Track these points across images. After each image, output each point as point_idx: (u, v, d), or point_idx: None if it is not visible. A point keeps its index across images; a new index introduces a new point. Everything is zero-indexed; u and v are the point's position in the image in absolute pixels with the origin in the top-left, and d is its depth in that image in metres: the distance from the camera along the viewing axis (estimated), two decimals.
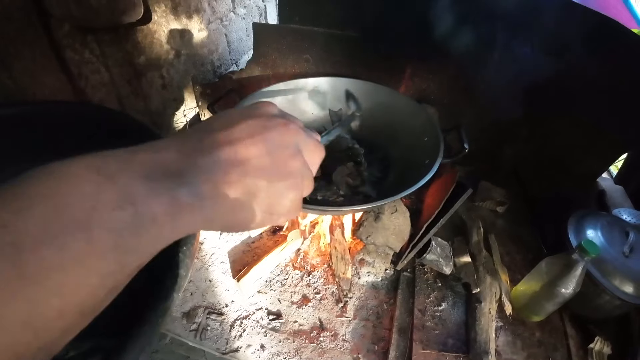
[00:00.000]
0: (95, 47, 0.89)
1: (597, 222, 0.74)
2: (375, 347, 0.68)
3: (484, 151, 0.99)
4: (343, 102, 0.74)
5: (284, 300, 0.74)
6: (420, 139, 0.77)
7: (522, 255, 0.84)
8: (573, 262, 0.62)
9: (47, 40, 0.80)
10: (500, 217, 0.93)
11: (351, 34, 0.90)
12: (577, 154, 0.91)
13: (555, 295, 0.64)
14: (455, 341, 0.68)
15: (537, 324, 0.72)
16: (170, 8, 1.04)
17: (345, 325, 0.71)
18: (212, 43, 1.24)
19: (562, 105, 0.87)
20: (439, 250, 0.75)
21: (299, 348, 0.67)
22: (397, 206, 0.76)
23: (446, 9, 0.84)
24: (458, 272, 0.77)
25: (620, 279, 0.67)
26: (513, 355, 0.68)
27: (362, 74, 0.93)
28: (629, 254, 0.70)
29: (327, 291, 0.76)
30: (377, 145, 0.86)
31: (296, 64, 0.96)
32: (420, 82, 0.95)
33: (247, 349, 0.67)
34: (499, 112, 0.92)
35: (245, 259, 0.80)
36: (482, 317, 0.69)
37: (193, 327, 0.71)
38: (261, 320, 0.71)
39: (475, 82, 0.91)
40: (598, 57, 0.80)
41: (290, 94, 0.88)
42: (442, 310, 0.72)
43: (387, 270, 0.79)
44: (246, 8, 1.42)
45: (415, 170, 0.67)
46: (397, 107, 0.84)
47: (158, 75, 1.07)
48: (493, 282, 0.73)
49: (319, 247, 0.82)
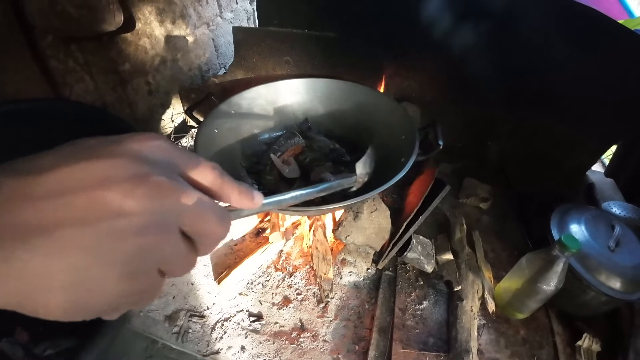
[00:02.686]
0: (79, 56, 0.91)
1: (582, 216, 0.72)
2: (356, 347, 0.67)
3: (469, 148, 0.98)
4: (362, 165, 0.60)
5: (265, 301, 0.74)
6: (398, 137, 0.76)
7: (508, 251, 0.83)
8: (554, 257, 0.60)
9: (30, 51, 0.82)
10: (485, 213, 0.91)
11: (330, 35, 0.90)
12: (564, 148, 0.89)
13: (537, 292, 0.63)
14: (436, 340, 0.67)
15: (521, 322, 0.71)
16: (155, 15, 1.05)
17: (326, 326, 0.70)
18: (199, 48, 1.26)
19: (547, 99, 0.86)
20: (420, 248, 0.74)
21: (279, 349, 0.67)
22: (377, 205, 0.76)
23: (426, 6, 0.84)
24: (440, 270, 0.76)
25: (606, 274, 0.66)
26: (496, 354, 0.66)
27: (343, 74, 0.93)
28: (615, 249, 0.68)
29: (308, 292, 0.75)
30: (358, 144, 0.86)
31: (277, 66, 0.97)
32: (401, 81, 0.94)
33: (227, 351, 0.67)
34: (482, 108, 0.91)
35: (228, 262, 0.80)
36: (463, 315, 0.68)
37: (175, 330, 0.71)
38: (242, 322, 0.71)
39: (456, 79, 0.90)
40: (583, 50, 0.78)
41: (271, 97, 0.88)
42: (423, 308, 0.71)
43: (368, 270, 0.78)
44: (234, 12, 1.43)
45: (393, 168, 0.67)
46: (377, 106, 0.84)
47: (144, 81, 1.09)
48: (475, 279, 0.72)
49: (301, 249, 0.82)
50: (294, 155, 0.82)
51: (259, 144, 0.86)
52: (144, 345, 0.79)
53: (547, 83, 0.84)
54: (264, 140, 0.87)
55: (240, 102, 0.82)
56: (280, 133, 0.87)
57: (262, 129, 0.87)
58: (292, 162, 0.80)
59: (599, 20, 0.75)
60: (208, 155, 0.71)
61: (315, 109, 0.90)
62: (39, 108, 0.66)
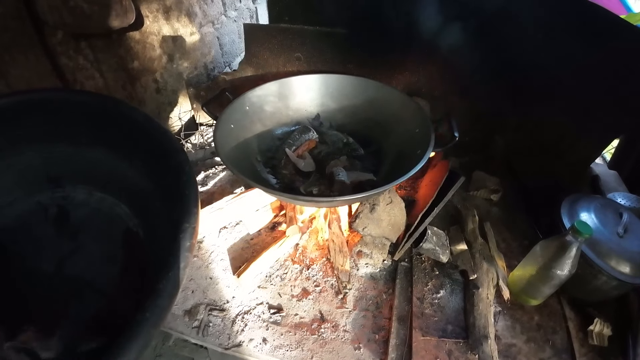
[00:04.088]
0: (89, 53, 0.91)
1: (591, 205, 0.75)
2: (376, 337, 0.69)
3: (476, 142, 1.00)
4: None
5: (284, 294, 0.75)
6: (411, 131, 0.78)
7: (518, 241, 0.85)
8: (567, 243, 0.62)
9: (41, 47, 0.82)
10: (495, 205, 0.93)
11: (340, 31, 0.92)
12: (569, 141, 0.92)
13: (551, 277, 0.65)
14: (455, 327, 0.69)
15: (535, 308, 0.73)
16: (162, 13, 1.05)
17: (345, 316, 0.71)
18: (204, 46, 1.26)
19: (551, 93, 0.88)
20: (435, 239, 0.76)
21: (300, 340, 0.68)
22: (392, 197, 0.77)
23: (435, 2, 0.85)
24: (455, 260, 0.77)
25: (616, 259, 0.68)
26: (512, 339, 0.68)
27: (353, 70, 0.95)
28: (623, 235, 0.70)
29: (326, 284, 0.76)
30: (371, 139, 0.88)
31: (288, 63, 0.98)
32: (411, 76, 0.96)
33: (249, 343, 0.68)
34: (488, 102, 0.93)
35: (245, 256, 0.81)
36: (480, 302, 0.69)
37: (195, 325, 0.71)
38: (262, 315, 0.71)
39: (464, 74, 0.92)
40: (586, 44, 0.81)
41: (285, 92, 0.89)
42: (440, 297, 0.73)
43: (384, 261, 0.79)
44: (237, 11, 1.43)
45: (407, 161, 0.68)
46: (389, 101, 0.86)
47: (152, 79, 1.08)
48: (490, 268, 0.74)
49: (317, 242, 0.83)
50: (308, 150, 0.83)
51: (272, 139, 0.87)
52: (152, 344, 0.79)
53: (551, 77, 0.87)
54: (278, 135, 0.88)
55: (254, 98, 0.83)
56: (294, 128, 0.88)
57: (276, 124, 0.88)
58: (307, 156, 0.81)
59: (602, 16, 0.77)
60: (226, 150, 0.71)
61: (328, 104, 0.91)
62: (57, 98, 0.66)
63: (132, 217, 0.70)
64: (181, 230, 0.48)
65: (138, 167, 0.65)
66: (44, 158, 0.66)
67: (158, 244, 0.50)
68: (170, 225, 0.50)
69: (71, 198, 0.71)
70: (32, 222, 0.68)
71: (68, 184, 0.71)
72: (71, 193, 0.71)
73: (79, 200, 0.71)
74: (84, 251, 0.67)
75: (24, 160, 0.65)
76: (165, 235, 0.49)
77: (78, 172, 0.69)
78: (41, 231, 0.68)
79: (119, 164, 0.65)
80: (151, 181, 0.63)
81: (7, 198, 0.66)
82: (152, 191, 0.62)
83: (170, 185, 0.56)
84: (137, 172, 0.64)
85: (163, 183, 0.60)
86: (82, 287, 0.63)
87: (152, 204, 0.62)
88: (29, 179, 0.67)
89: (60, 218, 0.70)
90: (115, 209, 0.71)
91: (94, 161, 0.67)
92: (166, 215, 0.56)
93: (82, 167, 0.68)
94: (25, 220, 0.67)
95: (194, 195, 0.53)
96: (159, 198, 0.61)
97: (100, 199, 0.72)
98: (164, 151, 0.59)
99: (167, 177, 0.57)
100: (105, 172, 0.68)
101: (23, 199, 0.68)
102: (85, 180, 0.71)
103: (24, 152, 0.65)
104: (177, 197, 0.52)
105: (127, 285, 0.63)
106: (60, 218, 0.70)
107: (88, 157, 0.67)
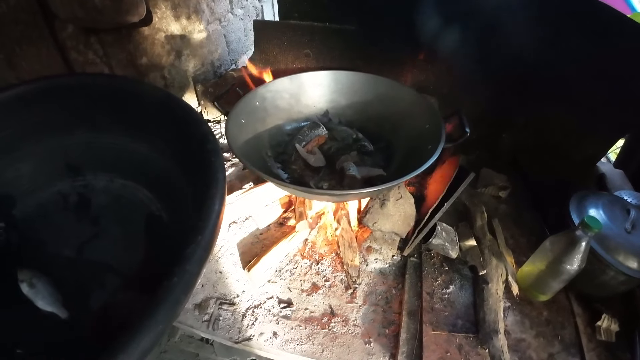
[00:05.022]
0: (99, 48, 0.91)
1: (599, 201, 0.76)
2: (386, 331, 0.69)
3: (483, 139, 1.00)
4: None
5: (294, 288, 0.75)
6: (421, 126, 0.78)
7: (526, 238, 0.86)
8: (577, 238, 0.63)
9: (52, 41, 0.82)
10: (503, 202, 0.94)
11: (350, 28, 0.92)
12: (575, 139, 0.92)
13: (561, 272, 0.65)
14: (465, 322, 0.69)
15: (544, 304, 0.73)
16: (170, 9, 1.06)
17: (355, 311, 0.72)
18: (211, 43, 1.26)
19: (558, 91, 0.89)
20: (444, 234, 0.76)
21: (311, 334, 0.68)
22: (402, 193, 0.78)
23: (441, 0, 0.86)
24: (464, 255, 0.78)
25: (624, 254, 0.68)
26: (522, 334, 0.69)
27: (362, 66, 0.95)
28: (631, 231, 0.71)
29: (336, 279, 0.77)
30: (380, 135, 0.88)
31: (297, 59, 0.98)
32: (419, 73, 0.96)
33: (259, 337, 0.68)
34: (495, 100, 0.94)
35: (255, 250, 0.81)
36: (489, 297, 0.70)
37: (205, 318, 0.71)
38: (272, 309, 0.72)
39: (472, 71, 0.92)
40: (593, 43, 0.82)
41: (295, 89, 0.89)
42: (450, 292, 0.73)
43: (394, 257, 0.80)
44: (244, 9, 1.44)
45: (417, 157, 0.69)
46: (398, 97, 0.86)
47: (160, 75, 1.09)
48: (499, 263, 0.74)
49: (326, 237, 0.83)
50: (318, 145, 0.83)
51: (282, 134, 0.87)
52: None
53: (558, 76, 0.87)
54: (287, 131, 0.88)
55: (265, 93, 0.84)
56: (304, 124, 0.88)
57: (286, 120, 0.88)
58: (317, 152, 0.82)
59: (608, 14, 0.78)
60: (238, 145, 0.72)
61: (337, 100, 0.91)
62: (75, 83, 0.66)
63: (155, 201, 0.69)
64: (209, 196, 0.48)
65: (160, 147, 0.64)
66: (64, 146, 0.66)
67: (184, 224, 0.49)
68: (196, 199, 0.49)
69: (92, 186, 0.71)
70: (53, 210, 0.68)
71: (89, 172, 0.70)
72: (92, 181, 0.71)
73: (100, 187, 0.71)
74: (105, 238, 0.67)
75: (44, 148, 0.64)
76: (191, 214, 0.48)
77: (98, 159, 0.69)
78: (61, 219, 0.68)
79: (140, 146, 0.65)
80: (174, 159, 0.62)
81: (28, 187, 0.66)
82: (175, 169, 0.62)
83: (195, 155, 0.55)
84: (159, 152, 0.64)
85: (187, 157, 0.59)
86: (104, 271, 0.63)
87: (175, 184, 0.61)
88: (49, 167, 0.67)
89: (81, 206, 0.69)
90: (137, 194, 0.70)
91: (114, 147, 0.67)
92: (191, 193, 0.56)
93: (102, 154, 0.68)
94: (46, 209, 0.67)
95: (220, 162, 0.52)
96: (182, 175, 0.60)
97: (122, 185, 0.71)
98: (187, 124, 0.58)
99: (191, 149, 0.57)
100: (126, 157, 0.68)
101: (43, 187, 0.67)
102: (106, 168, 0.70)
103: (44, 140, 0.64)
104: (203, 167, 0.52)
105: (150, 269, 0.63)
106: (81, 206, 0.69)
107: (108, 142, 0.67)
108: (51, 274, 0.60)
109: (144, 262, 0.65)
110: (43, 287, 0.58)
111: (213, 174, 0.51)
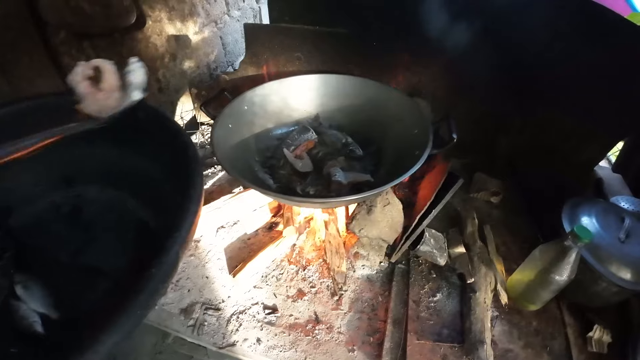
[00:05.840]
0: (92, 52, 0.91)
1: (592, 209, 0.73)
2: (371, 339, 0.68)
3: (478, 143, 0.99)
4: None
5: (280, 294, 0.75)
6: (410, 131, 0.77)
7: (519, 245, 0.84)
8: (567, 248, 0.61)
9: (43, 47, 0.83)
10: (496, 208, 0.92)
11: (341, 31, 0.91)
12: (573, 143, 0.90)
13: (550, 282, 0.64)
14: (451, 331, 0.68)
15: (534, 313, 0.72)
16: (165, 12, 1.06)
17: (340, 318, 0.71)
18: (207, 46, 1.26)
19: (555, 94, 0.87)
20: (432, 241, 0.75)
21: (294, 341, 0.68)
22: (390, 198, 0.77)
23: (436, 3, 0.84)
24: (452, 263, 0.76)
25: (617, 265, 0.66)
26: (509, 345, 0.67)
27: (353, 69, 0.94)
28: (625, 240, 0.69)
29: (322, 285, 0.76)
30: (370, 139, 0.87)
31: (288, 62, 0.98)
32: (412, 76, 0.95)
33: (243, 343, 0.68)
34: (491, 103, 0.92)
35: (242, 255, 0.81)
36: (477, 306, 0.69)
37: (190, 323, 0.71)
38: (257, 315, 0.72)
39: (466, 74, 0.91)
40: (590, 45, 0.79)
41: (284, 92, 0.89)
42: (436, 301, 0.72)
43: (381, 263, 0.79)
44: (240, 10, 1.43)
45: (406, 162, 0.68)
46: (389, 101, 0.85)
47: (154, 79, 1.09)
48: (488, 272, 0.73)
49: (314, 242, 0.83)
50: (307, 150, 0.83)
51: (271, 139, 0.87)
52: (153, 341, 0.80)
53: (556, 78, 0.85)
54: (277, 135, 0.88)
55: (254, 97, 0.83)
56: (293, 128, 0.88)
57: (275, 124, 0.88)
58: (305, 157, 0.81)
59: (606, 16, 0.76)
60: (224, 150, 0.71)
61: (327, 104, 0.90)
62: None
63: (143, 209, 0.73)
64: (187, 196, 0.53)
65: (146, 157, 0.69)
66: (62, 159, 0.69)
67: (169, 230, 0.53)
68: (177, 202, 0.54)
69: (83, 196, 0.76)
70: (47, 220, 0.72)
71: (80, 183, 0.76)
72: (83, 192, 0.76)
73: (91, 198, 0.76)
74: (97, 245, 0.71)
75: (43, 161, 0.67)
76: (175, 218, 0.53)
77: (91, 171, 0.74)
78: (56, 228, 0.72)
79: (128, 158, 0.70)
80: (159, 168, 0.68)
81: (27, 198, 0.71)
82: (160, 178, 0.67)
83: (178, 163, 0.61)
84: (146, 162, 0.69)
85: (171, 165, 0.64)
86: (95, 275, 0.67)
87: (161, 192, 0.66)
88: (46, 179, 0.72)
89: (72, 216, 0.74)
90: (126, 203, 0.75)
91: (106, 159, 0.72)
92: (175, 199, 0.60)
93: (94, 166, 0.73)
94: (41, 219, 0.72)
95: (198, 167, 0.59)
96: (167, 183, 0.66)
97: (112, 195, 0.76)
98: (172, 136, 0.64)
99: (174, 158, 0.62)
100: (115, 169, 0.73)
101: (40, 198, 0.72)
102: (97, 179, 0.75)
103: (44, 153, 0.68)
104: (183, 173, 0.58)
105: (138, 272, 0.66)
106: (73, 216, 0.74)
107: (101, 155, 0.72)
108: (45, 277, 0.64)
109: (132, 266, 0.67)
110: (36, 289, 0.62)
111: (191, 177, 0.56)
